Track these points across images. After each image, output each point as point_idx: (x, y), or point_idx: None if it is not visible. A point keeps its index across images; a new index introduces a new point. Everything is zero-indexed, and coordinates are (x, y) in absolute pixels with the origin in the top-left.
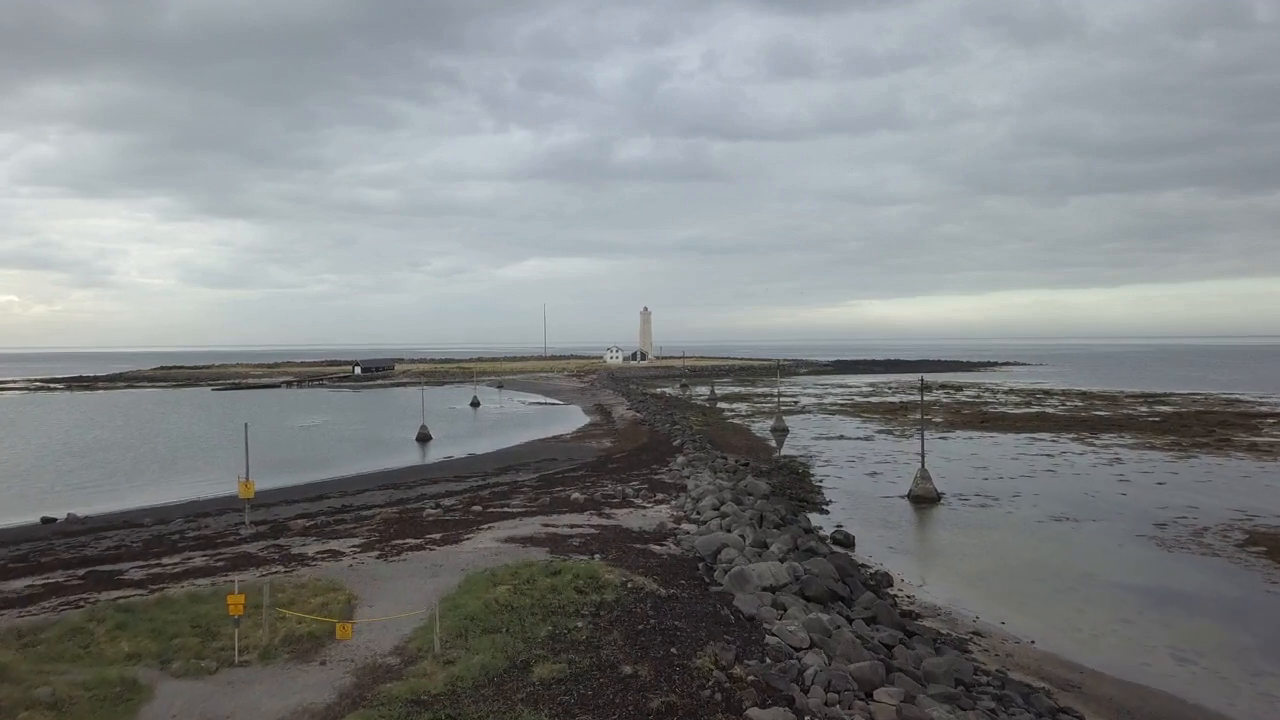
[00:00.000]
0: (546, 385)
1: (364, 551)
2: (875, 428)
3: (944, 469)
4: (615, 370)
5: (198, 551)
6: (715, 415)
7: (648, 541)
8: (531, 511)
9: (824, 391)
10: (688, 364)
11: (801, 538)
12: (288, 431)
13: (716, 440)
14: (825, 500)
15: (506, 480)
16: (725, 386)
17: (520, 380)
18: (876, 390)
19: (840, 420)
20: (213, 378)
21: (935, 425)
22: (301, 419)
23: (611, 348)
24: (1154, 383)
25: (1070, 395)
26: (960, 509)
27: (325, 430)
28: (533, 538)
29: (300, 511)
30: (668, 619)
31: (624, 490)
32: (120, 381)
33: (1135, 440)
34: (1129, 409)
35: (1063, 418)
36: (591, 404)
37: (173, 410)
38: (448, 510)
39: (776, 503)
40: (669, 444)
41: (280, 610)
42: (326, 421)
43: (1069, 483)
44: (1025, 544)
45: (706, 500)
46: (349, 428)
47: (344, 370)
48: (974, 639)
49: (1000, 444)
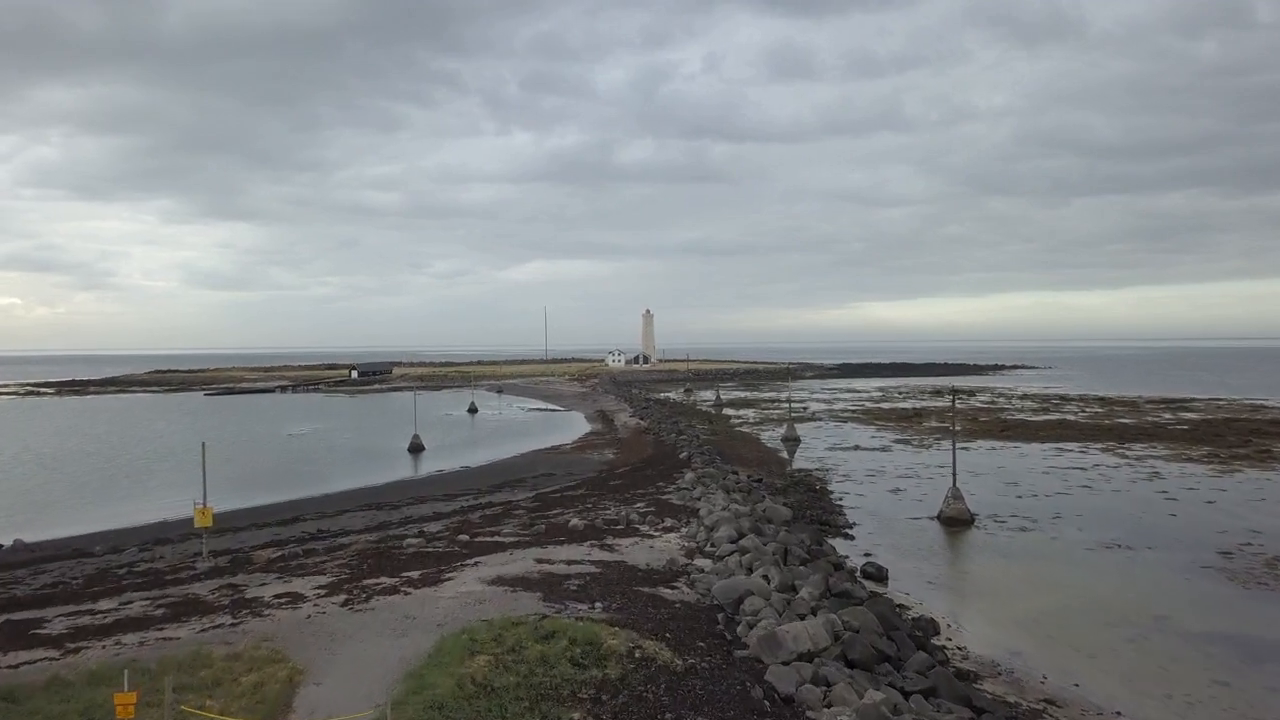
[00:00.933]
0: (547, 390)
1: (329, 594)
2: (891, 437)
3: (972, 484)
4: (617, 374)
5: (141, 593)
6: (722, 423)
7: (656, 583)
8: (524, 542)
9: (833, 397)
10: (691, 367)
11: (833, 576)
12: (275, 441)
13: (726, 451)
14: (848, 523)
15: (500, 501)
16: (730, 391)
17: (520, 384)
18: (886, 395)
19: (853, 428)
20: (206, 382)
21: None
22: (291, 426)
23: (614, 351)
24: (1167, 386)
25: (1089, 401)
26: (998, 533)
27: (314, 439)
28: (524, 578)
29: (270, 538)
30: (686, 709)
31: (628, 514)
32: (112, 386)
33: (1169, 451)
34: (1153, 416)
35: (1086, 426)
36: (593, 410)
37: (160, 417)
38: (431, 539)
39: (800, 530)
40: (675, 456)
41: (185, 710)
42: (317, 430)
43: (1110, 501)
44: (1081, 578)
45: (722, 531)
46: (339, 437)
47: (341, 374)
48: (1048, 710)
49: (1026, 455)
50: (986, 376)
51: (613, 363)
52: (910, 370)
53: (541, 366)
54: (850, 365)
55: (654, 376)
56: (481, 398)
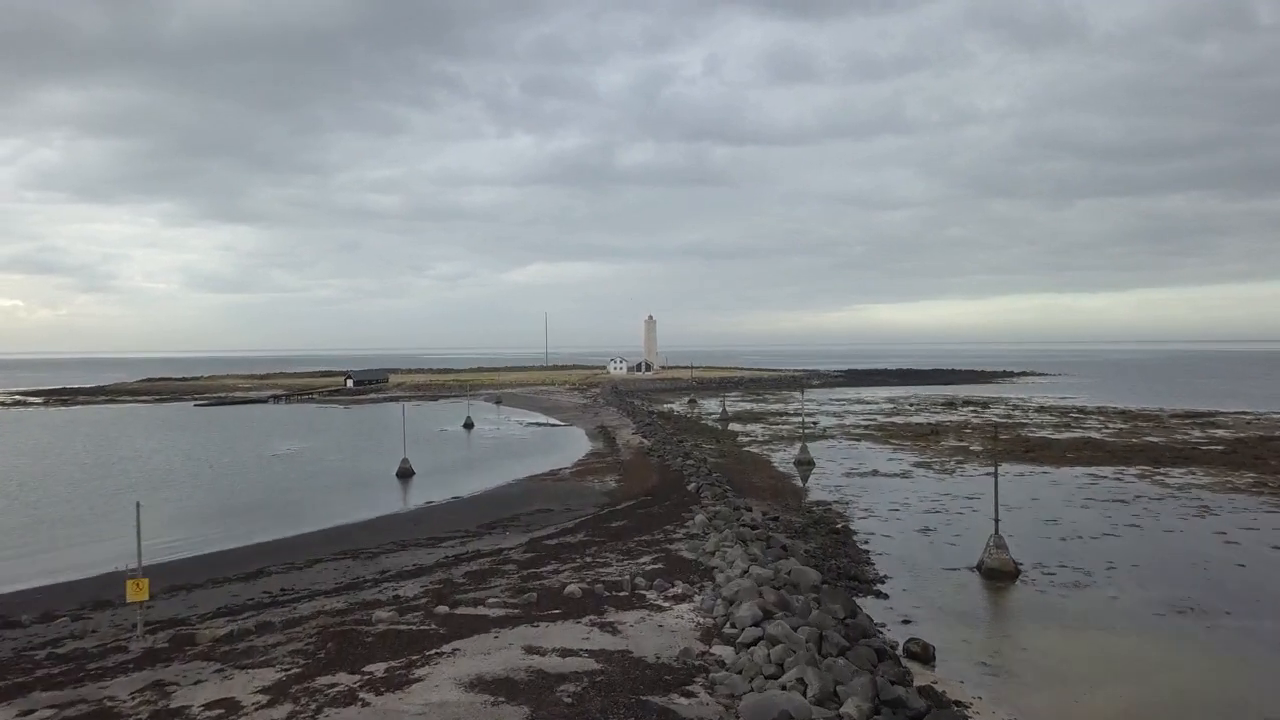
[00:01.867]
0: (547, 401)
1: (271, 703)
2: (910, 459)
3: (1007, 521)
4: (619, 383)
5: (50, 692)
6: (729, 441)
7: (669, 688)
8: (513, 617)
9: (841, 409)
10: (695, 376)
11: (880, 671)
12: (257, 463)
13: (736, 478)
14: (879, 575)
15: (488, 550)
16: (736, 402)
17: (520, 394)
18: (897, 407)
19: (868, 448)
20: (198, 391)
21: (976, 456)
22: (278, 444)
23: (615, 358)
24: (1185, 397)
25: (1109, 415)
26: (1049, 590)
27: (299, 461)
28: (509, 680)
29: (226, 600)
30: None
31: (632, 576)
32: (102, 395)
33: (1211, 479)
34: (1181, 433)
35: (1115, 446)
36: (594, 426)
37: (145, 431)
38: (406, 608)
39: (831, 598)
40: (682, 486)
41: None
42: (304, 449)
43: (1164, 545)
44: (1158, 656)
45: (744, 610)
46: (325, 457)
47: (336, 382)
48: None
49: (1059, 483)
50: (997, 385)
51: (614, 370)
52: (917, 378)
53: (542, 374)
54: (856, 372)
55: (657, 385)
56: (479, 410)
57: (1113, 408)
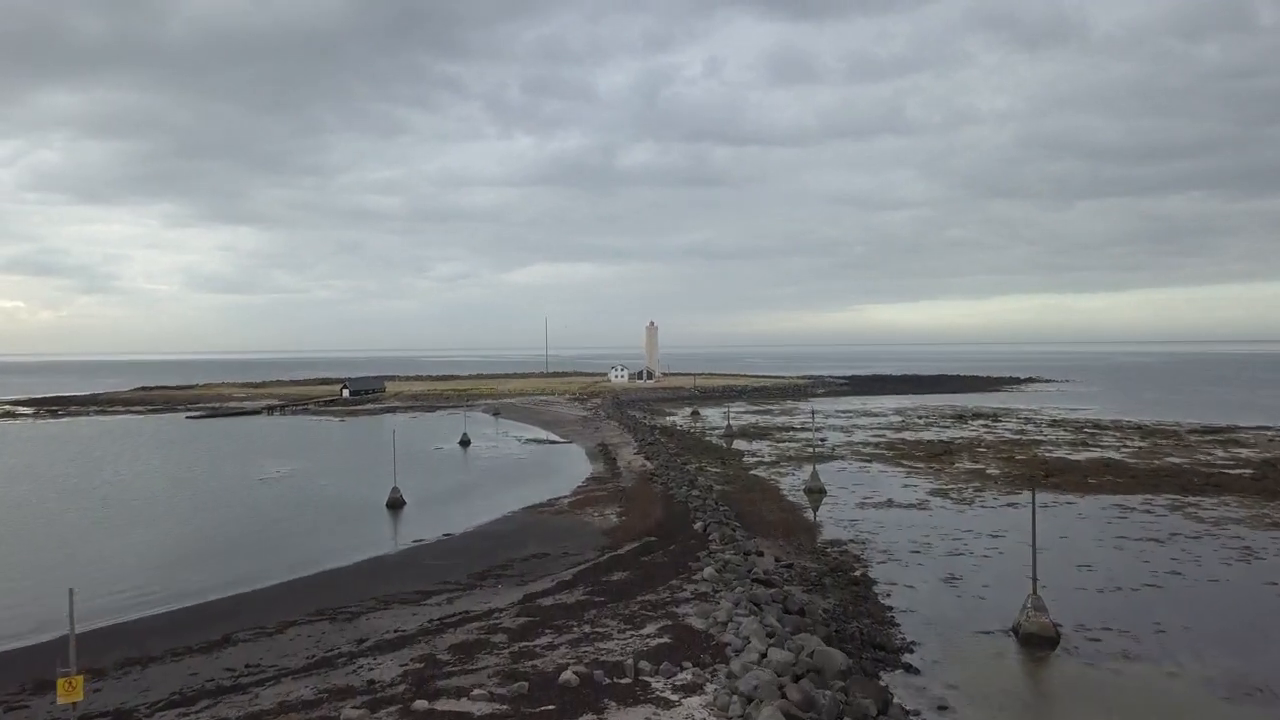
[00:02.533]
0: (546, 413)
1: None
2: (925, 485)
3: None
4: (620, 392)
5: None
6: (735, 463)
7: None
8: (499, 713)
9: (848, 422)
10: (697, 384)
11: None
12: (243, 489)
13: (744, 510)
14: (906, 641)
15: (477, 612)
16: (740, 414)
17: (519, 405)
18: (905, 420)
19: (880, 471)
20: (192, 401)
21: (994, 481)
22: (267, 464)
23: (616, 366)
24: (1198, 406)
25: (1125, 430)
26: (1096, 661)
27: (287, 486)
28: None
29: (182, 684)
30: None
31: (636, 652)
32: (93, 405)
33: (1247, 511)
34: (1203, 452)
35: (1139, 470)
36: (595, 444)
37: (130, 449)
38: (379, 700)
39: (859, 687)
40: (688, 523)
41: None
42: (294, 471)
43: (1213, 602)
44: None
45: (765, 715)
46: (315, 482)
47: (332, 391)
48: None
49: (1086, 515)
50: (1004, 394)
51: (616, 379)
52: (922, 385)
53: (542, 381)
54: (860, 379)
55: (658, 394)
56: (476, 423)
57: (1128, 422)
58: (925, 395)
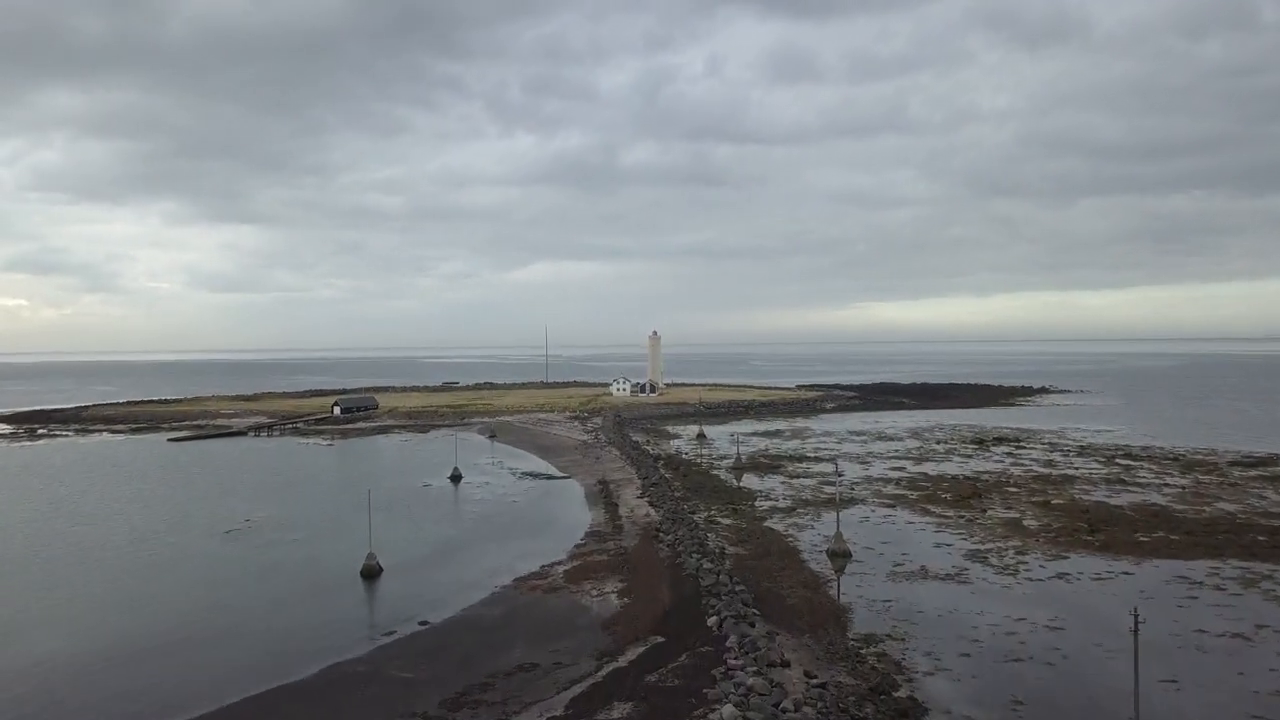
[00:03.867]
0: (545, 436)
1: None
2: (959, 543)
3: (1108, 678)
4: (622, 408)
5: None
6: (747, 509)
7: None
8: None
9: (863, 448)
10: (702, 398)
11: None
12: (206, 544)
13: (762, 590)
14: None
15: None
16: (748, 436)
17: (516, 425)
18: (923, 447)
19: (907, 523)
20: (178, 418)
21: (1034, 539)
22: (238, 508)
23: (619, 379)
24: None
25: (1160, 461)
26: None
27: (255, 543)
28: None
29: None
30: None
31: None
32: (75, 424)
33: None
34: (1254, 493)
35: (1192, 524)
36: (595, 480)
37: (97, 484)
38: None
39: None
40: (700, 615)
41: None
42: (267, 519)
43: None
44: None
45: None
46: (288, 535)
47: (325, 405)
48: None
49: (1150, 594)
50: (1019, 408)
51: (617, 392)
52: (933, 397)
53: (541, 395)
54: (869, 389)
55: (662, 410)
56: (470, 449)
57: (1160, 450)
58: (937, 411)
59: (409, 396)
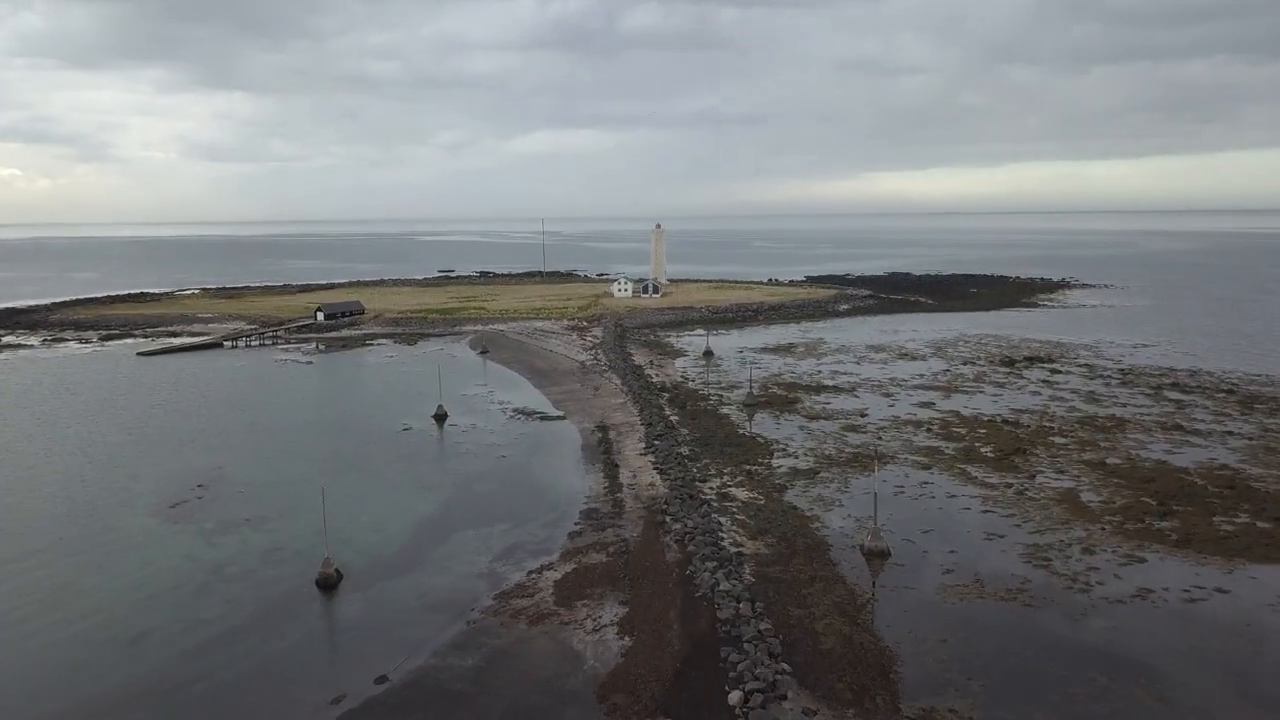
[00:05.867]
0: (540, 355)
1: None
2: (1015, 533)
3: None
4: (624, 314)
5: None
6: (764, 474)
7: None
8: None
9: (885, 373)
10: (707, 300)
11: None
12: (143, 535)
13: (790, 621)
14: None
15: None
16: (758, 354)
17: (510, 338)
18: (950, 369)
19: (950, 497)
20: (153, 322)
21: (1097, 523)
22: (194, 460)
23: (620, 278)
24: (1267, 337)
25: (1214, 396)
26: None
27: (198, 526)
28: None
29: None
30: None
31: None
32: (43, 330)
33: None
34: None
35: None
36: (593, 424)
37: (45, 417)
38: None
39: None
40: (716, 666)
41: None
42: (221, 481)
43: None
44: None
45: None
46: (239, 515)
47: (309, 305)
48: None
49: (1261, 636)
50: (1042, 310)
51: (619, 293)
52: (949, 292)
53: (539, 293)
54: (881, 282)
55: (666, 317)
56: (459, 373)
57: (1210, 376)
58: (957, 314)
59: (400, 293)
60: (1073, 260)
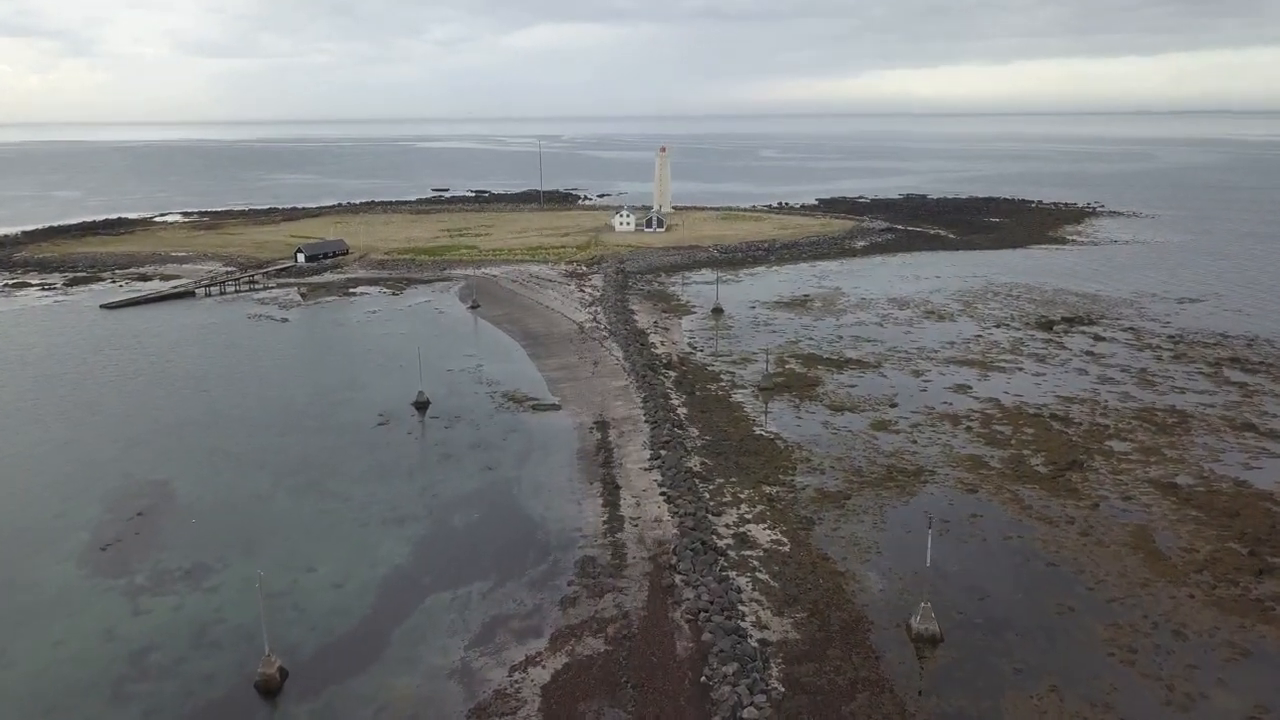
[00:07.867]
0: (535, 311)
1: None
2: (1088, 596)
3: None
4: (626, 256)
5: None
6: (787, 499)
7: None
8: None
9: (914, 345)
10: (715, 236)
11: None
12: (55, 594)
13: None
14: None
15: None
16: (771, 310)
17: (503, 288)
18: (982, 336)
19: (1005, 540)
20: (124, 262)
21: (1178, 581)
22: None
23: (622, 211)
24: None
25: (1278, 374)
26: None
27: (126, 583)
28: None
29: None
30: None
31: None
32: (6, 271)
33: None
34: None
35: None
36: (591, 419)
37: None
38: None
39: None
40: None
41: None
42: (159, 514)
43: None
44: None
45: None
46: (176, 565)
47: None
48: None
49: None
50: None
51: (621, 227)
52: (970, 224)
53: (536, 228)
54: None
55: (671, 258)
56: (446, 337)
57: (1272, 347)
58: (981, 253)
59: (389, 223)
60: (1092, 178)
